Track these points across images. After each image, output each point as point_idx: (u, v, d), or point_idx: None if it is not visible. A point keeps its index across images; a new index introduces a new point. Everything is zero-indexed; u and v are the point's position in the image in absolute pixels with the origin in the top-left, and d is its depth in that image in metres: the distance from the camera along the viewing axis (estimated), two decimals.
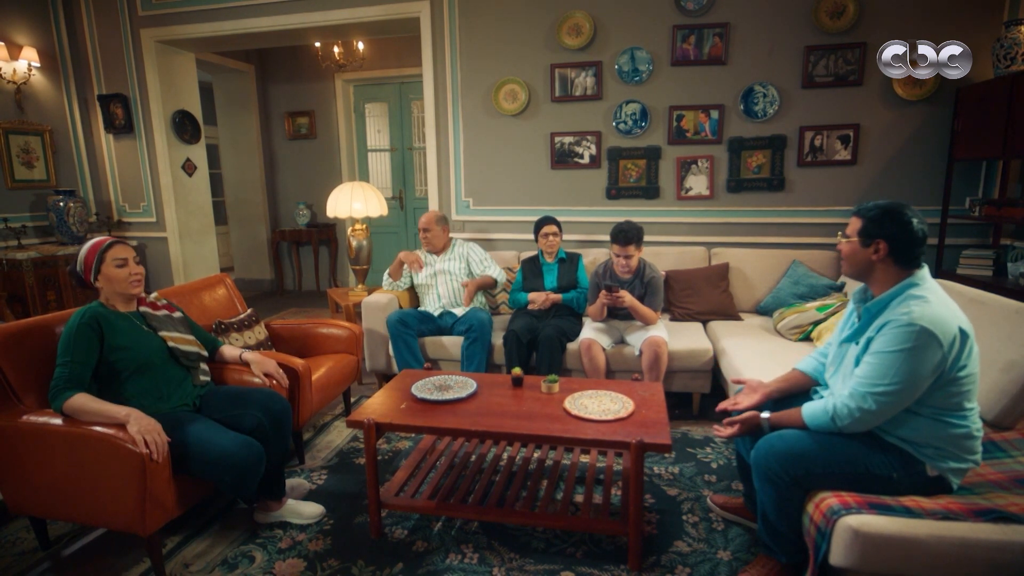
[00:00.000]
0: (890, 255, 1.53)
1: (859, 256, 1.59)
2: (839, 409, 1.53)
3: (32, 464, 1.81)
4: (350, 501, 2.25)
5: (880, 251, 1.54)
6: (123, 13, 4.42)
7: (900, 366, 1.44)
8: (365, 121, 6.12)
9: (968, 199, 3.41)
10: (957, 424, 1.51)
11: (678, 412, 3.00)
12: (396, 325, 3.14)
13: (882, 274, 1.57)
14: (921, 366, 1.43)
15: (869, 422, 1.51)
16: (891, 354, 1.45)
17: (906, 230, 1.51)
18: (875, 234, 1.54)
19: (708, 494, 2.22)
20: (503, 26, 3.82)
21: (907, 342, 1.43)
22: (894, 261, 1.54)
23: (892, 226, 1.52)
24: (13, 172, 4.21)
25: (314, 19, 4.08)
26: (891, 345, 1.45)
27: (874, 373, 1.47)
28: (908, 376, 1.43)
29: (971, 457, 1.54)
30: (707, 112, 3.65)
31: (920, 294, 1.50)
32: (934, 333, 1.42)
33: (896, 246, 1.52)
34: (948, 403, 1.49)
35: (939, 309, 1.46)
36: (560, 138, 3.87)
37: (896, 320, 1.46)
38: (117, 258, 1.94)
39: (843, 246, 1.63)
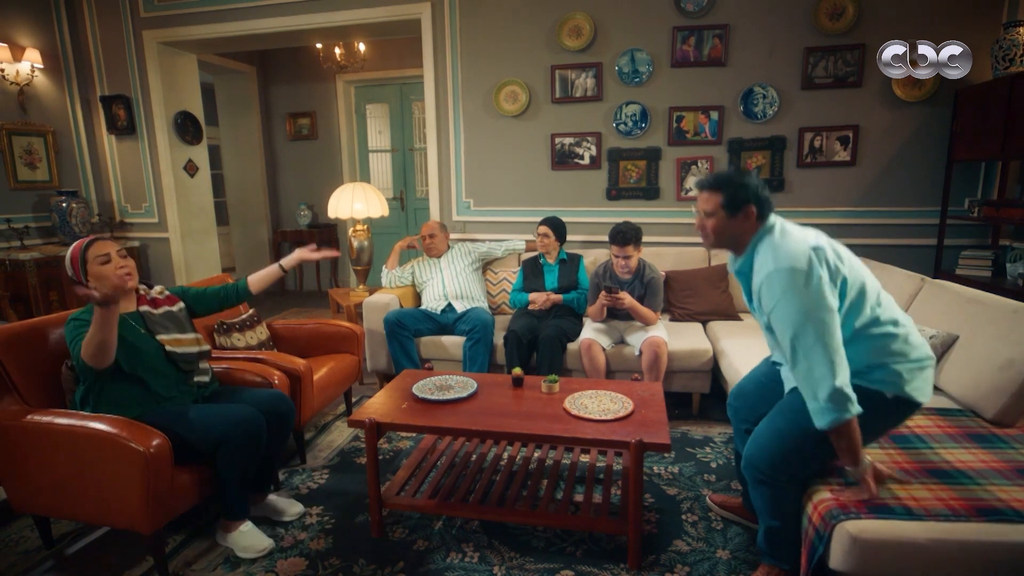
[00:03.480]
0: (758, 217, 1.57)
1: (730, 228, 1.59)
2: (800, 386, 1.49)
3: (36, 463, 1.83)
4: (352, 500, 2.26)
5: (751, 215, 1.56)
6: (126, 15, 4.44)
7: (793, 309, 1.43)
8: (366, 122, 6.13)
9: (967, 200, 3.42)
10: (881, 333, 1.52)
11: (678, 412, 3.01)
12: (393, 326, 3.16)
13: (746, 235, 1.59)
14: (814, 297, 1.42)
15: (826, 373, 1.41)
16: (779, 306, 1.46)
17: (760, 187, 1.56)
18: (742, 201, 1.56)
19: (707, 493, 2.24)
20: (504, 27, 3.84)
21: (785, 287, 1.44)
22: (757, 219, 1.57)
23: (750, 189, 1.55)
24: (16, 173, 4.22)
25: (316, 20, 4.10)
26: (775, 297, 1.46)
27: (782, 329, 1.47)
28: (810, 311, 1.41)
29: (916, 354, 1.54)
30: (707, 113, 3.66)
31: (767, 241, 1.54)
32: (797, 269, 1.43)
33: (761, 204, 1.56)
34: (861, 319, 1.51)
35: (786, 244, 1.49)
36: (560, 139, 3.89)
37: (762, 275, 1.50)
38: (98, 255, 1.89)
39: (706, 223, 1.62)
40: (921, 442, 1.83)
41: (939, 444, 1.81)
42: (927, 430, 1.90)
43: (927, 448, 1.79)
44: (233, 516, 1.95)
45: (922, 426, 1.93)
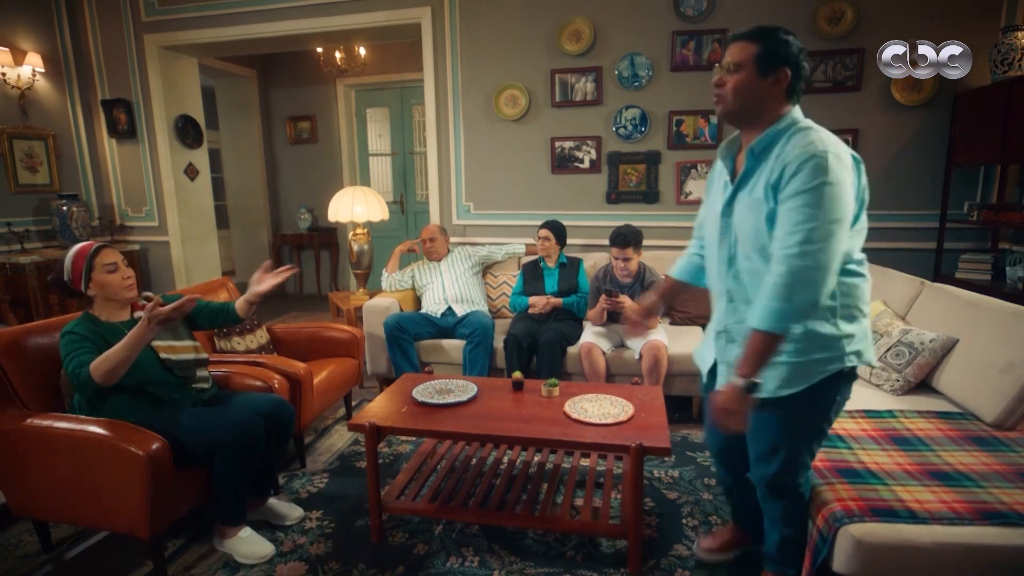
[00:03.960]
0: (788, 87, 1.32)
1: (756, 90, 1.32)
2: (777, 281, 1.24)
3: (35, 467, 1.83)
4: (351, 504, 2.26)
5: (782, 81, 1.30)
6: (127, 19, 4.45)
7: (831, 199, 1.22)
8: (366, 125, 6.14)
9: (966, 203, 3.42)
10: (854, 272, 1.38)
11: (678, 416, 3.01)
12: (393, 330, 3.16)
13: (771, 112, 1.33)
14: (847, 197, 1.25)
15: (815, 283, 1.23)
16: (813, 190, 1.22)
17: (804, 54, 1.33)
18: (777, 60, 1.30)
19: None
20: (504, 32, 3.85)
21: (824, 172, 1.21)
22: (788, 95, 1.33)
23: (791, 50, 1.31)
24: (17, 176, 4.23)
25: (317, 25, 4.11)
26: (810, 181, 1.22)
27: (801, 216, 1.22)
28: (842, 208, 1.24)
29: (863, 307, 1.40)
30: (707, 117, 3.67)
31: (808, 126, 1.32)
32: (843, 159, 1.26)
33: (797, 74, 1.31)
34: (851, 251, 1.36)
35: (830, 137, 1.29)
36: (560, 143, 3.89)
37: (803, 153, 1.24)
38: (107, 263, 1.89)
39: (727, 79, 1.34)
40: (923, 444, 1.83)
41: (941, 447, 1.81)
42: (928, 433, 1.90)
43: (929, 451, 1.79)
44: (231, 522, 1.94)
45: (923, 429, 1.93)
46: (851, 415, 2.03)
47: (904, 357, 2.26)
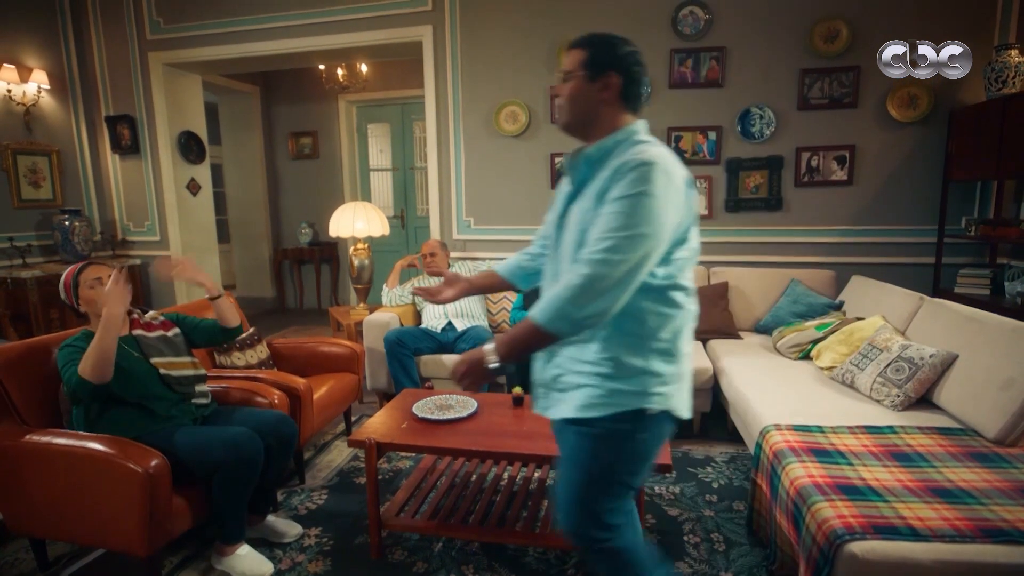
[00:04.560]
0: (620, 94, 1.25)
1: (587, 96, 1.26)
2: (571, 281, 1.15)
3: (33, 483, 1.82)
4: (351, 521, 2.24)
5: (611, 87, 1.25)
6: (132, 37, 4.51)
7: (642, 210, 1.13)
8: (367, 141, 6.19)
9: (964, 219, 3.44)
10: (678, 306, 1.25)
11: (678, 431, 2.99)
12: (393, 345, 3.16)
13: (607, 120, 1.27)
14: (664, 211, 1.15)
15: (609, 293, 1.14)
16: (630, 198, 1.14)
17: (635, 60, 1.26)
18: (606, 64, 1.24)
19: (710, 514, 2.19)
20: (504, 50, 3.90)
21: (644, 183, 1.13)
22: (622, 101, 1.26)
23: (621, 55, 1.25)
24: (20, 192, 4.26)
25: (319, 43, 4.17)
26: (630, 189, 1.14)
27: (613, 223, 1.14)
28: (652, 222, 1.13)
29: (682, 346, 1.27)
30: (705, 133, 3.71)
31: (646, 140, 1.25)
32: (668, 172, 1.16)
33: (629, 80, 1.25)
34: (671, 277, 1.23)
35: (665, 153, 1.21)
36: (560, 159, 3.92)
37: (630, 161, 1.16)
38: (89, 279, 1.91)
39: (562, 88, 1.30)
40: (924, 461, 1.82)
41: (942, 463, 1.80)
42: (929, 449, 1.89)
43: (930, 467, 1.78)
44: (230, 539, 1.93)
45: (924, 445, 1.92)
46: (851, 431, 2.03)
47: (904, 372, 2.26)
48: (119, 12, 4.49)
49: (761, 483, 2.02)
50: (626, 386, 1.23)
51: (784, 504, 1.77)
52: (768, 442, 2.03)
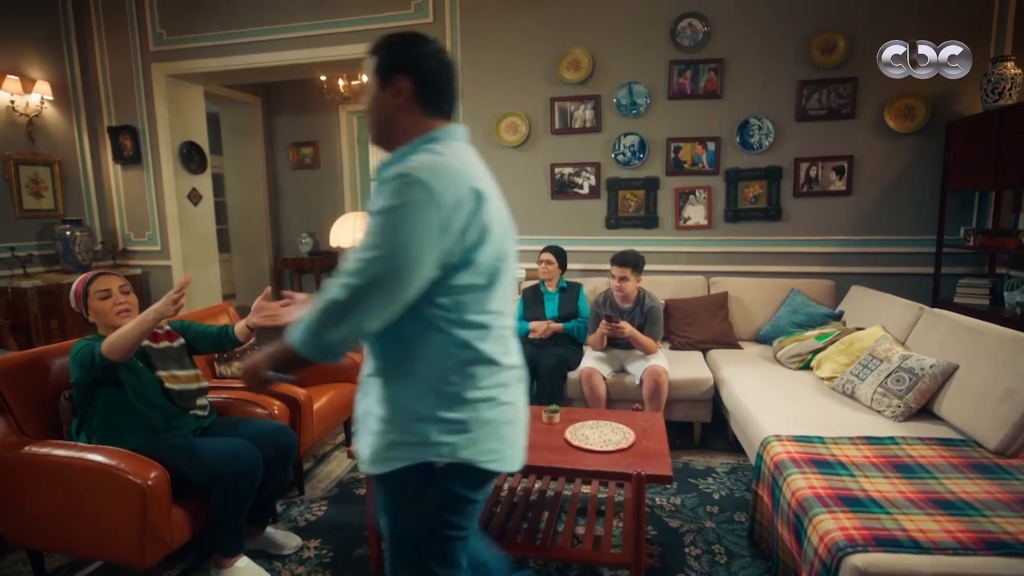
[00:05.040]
0: (416, 97, 1.10)
1: (380, 105, 1.13)
2: (316, 303, 1.03)
3: (32, 495, 1.81)
4: (350, 533, 2.23)
5: (403, 92, 1.10)
6: (135, 49, 4.54)
7: (385, 229, 0.98)
8: (368, 151, 6.22)
9: (963, 229, 3.45)
10: (466, 344, 1.07)
11: (679, 442, 2.99)
12: None
13: (407, 128, 1.12)
14: (413, 230, 0.97)
15: (349, 319, 1.00)
16: (376, 216, 1.00)
17: (429, 58, 1.11)
18: (393, 68, 1.11)
19: (710, 525, 2.19)
20: (504, 61, 3.93)
21: (395, 198, 0.98)
22: (421, 106, 1.11)
23: (410, 55, 1.11)
24: (22, 202, 4.27)
25: (321, 54, 4.20)
26: (377, 204, 1.01)
27: (361, 243, 1.01)
28: (395, 243, 0.97)
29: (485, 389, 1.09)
30: (704, 144, 3.73)
31: (436, 148, 1.08)
32: (427, 184, 0.98)
33: (423, 81, 1.10)
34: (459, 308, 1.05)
35: (450, 162, 1.05)
36: (560, 169, 3.94)
37: (391, 173, 1.02)
38: (99, 290, 1.93)
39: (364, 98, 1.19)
40: (925, 472, 1.82)
41: (943, 474, 1.80)
42: (931, 460, 1.89)
43: (931, 478, 1.78)
44: (228, 552, 1.91)
45: (925, 456, 1.92)
46: (852, 441, 2.03)
47: (904, 383, 2.26)
48: (123, 24, 4.52)
49: (762, 494, 2.02)
50: (404, 436, 1.08)
51: (786, 515, 1.76)
52: (769, 453, 2.02)
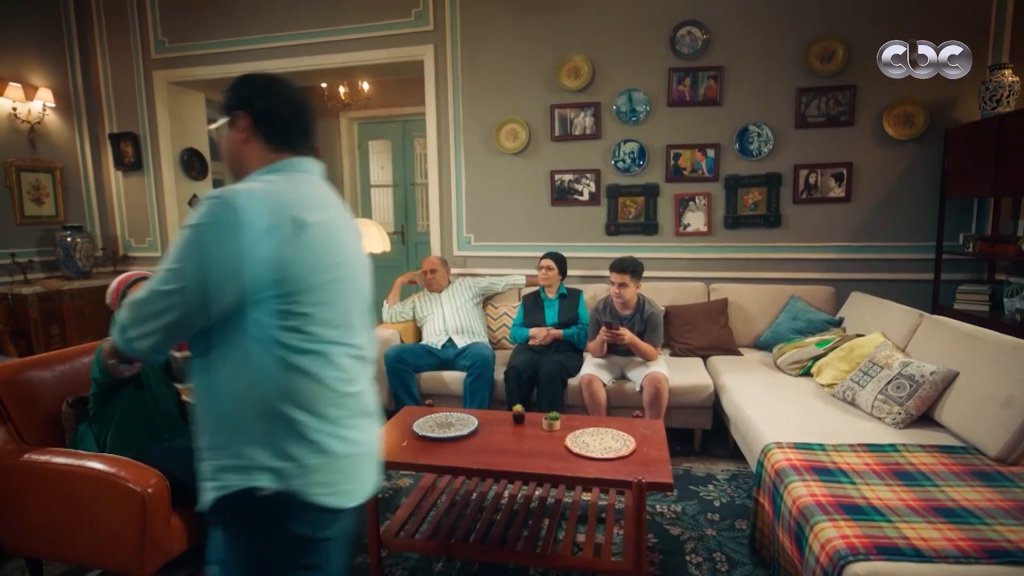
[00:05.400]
0: (257, 132, 1.11)
1: (229, 144, 1.14)
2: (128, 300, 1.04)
3: (31, 503, 1.81)
4: (350, 541, 2.22)
5: (244, 128, 1.11)
6: (137, 56, 4.56)
7: (187, 245, 0.98)
8: (368, 157, 6.24)
9: (962, 235, 3.46)
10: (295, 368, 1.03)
11: (679, 448, 2.98)
12: (394, 362, 3.16)
13: (253, 162, 1.12)
14: (212, 250, 0.96)
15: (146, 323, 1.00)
16: (183, 230, 1.00)
17: (266, 93, 1.12)
18: (234, 107, 1.12)
19: (711, 532, 2.19)
20: (504, 68, 3.95)
21: (203, 217, 0.98)
22: (263, 140, 1.11)
23: (247, 92, 1.13)
24: (23, 208, 4.28)
25: (322, 62, 4.22)
26: (187, 220, 1.00)
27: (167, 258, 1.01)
28: (193, 260, 0.97)
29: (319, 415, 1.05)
30: (704, 151, 3.74)
31: (269, 178, 1.08)
32: (237, 207, 0.97)
33: (260, 116, 1.11)
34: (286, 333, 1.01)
35: (274, 189, 1.04)
36: (560, 176, 3.96)
37: (208, 194, 1.02)
38: None
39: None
40: (926, 479, 1.81)
41: (944, 482, 1.79)
42: (932, 467, 1.89)
43: (933, 486, 1.77)
44: None
45: (926, 463, 1.92)
46: (853, 449, 2.02)
47: (905, 390, 2.26)
48: (124, 31, 4.55)
49: (763, 501, 2.01)
50: (227, 461, 1.03)
51: (787, 523, 1.76)
52: (770, 460, 2.02)
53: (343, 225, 1.14)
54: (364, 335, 1.16)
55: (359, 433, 1.12)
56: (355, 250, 1.17)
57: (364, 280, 1.19)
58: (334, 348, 1.07)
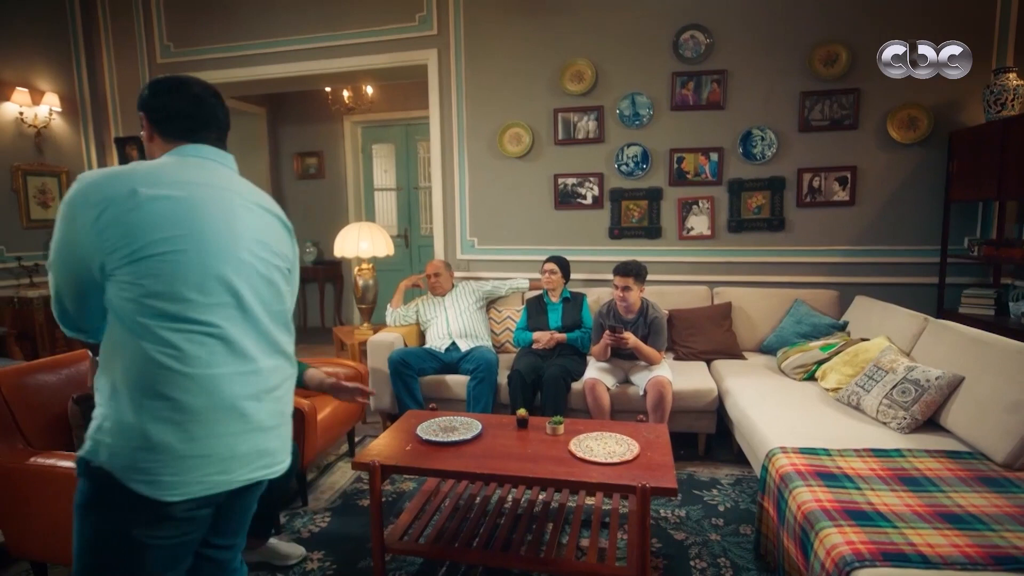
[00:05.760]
0: (154, 128, 1.22)
1: (144, 141, 1.26)
2: None
3: (36, 505, 1.81)
4: (354, 545, 2.22)
5: (145, 127, 1.23)
6: (142, 60, 4.60)
7: (57, 223, 1.08)
8: (372, 161, 6.26)
9: (967, 239, 3.45)
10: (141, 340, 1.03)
11: (683, 453, 2.98)
12: (397, 365, 3.16)
13: (154, 153, 1.23)
14: (64, 225, 1.06)
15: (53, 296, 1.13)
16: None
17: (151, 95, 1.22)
18: (138, 110, 1.25)
19: (715, 538, 2.18)
20: (508, 73, 3.96)
21: (65, 197, 1.07)
22: (159, 134, 1.22)
23: (141, 97, 1.24)
24: (29, 212, 4.31)
25: (326, 66, 4.24)
26: None
27: None
28: (55, 236, 1.07)
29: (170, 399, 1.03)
30: (707, 155, 3.74)
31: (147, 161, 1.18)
32: (83, 186, 1.05)
33: (151, 114, 1.21)
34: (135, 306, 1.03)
35: (136, 166, 1.11)
36: (563, 179, 3.96)
37: None
38: None
39: None
40: (932, 485, 1.80)
41: (950, 488, 1.79)
42: (937, 473, 1.88)
43: (939, 491, 1.76)
44: None
45: (932, 469, 1.91)
46: (858, 454, 2.02)
47: (910, 395, 2.25)
48: (131, 36, 4.58)
49: (768, 507, 2.01)
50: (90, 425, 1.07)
51: (792, 529, 1.75)
52: (774, 465, 2.01)
53: (207, 203, 1.12)
54: (222, 314, 1.09)
55: (197, 427, 1.05)
56: (222, 229, 1.12)
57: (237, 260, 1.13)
58: (167, 323, 1.04)
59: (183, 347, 1.04)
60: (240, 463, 1.12)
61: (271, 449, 1.18)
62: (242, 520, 1.30)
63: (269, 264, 1.20)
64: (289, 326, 1.27)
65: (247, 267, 1.15)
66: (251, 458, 1.14)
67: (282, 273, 1.25)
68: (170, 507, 1.05)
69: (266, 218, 1.25)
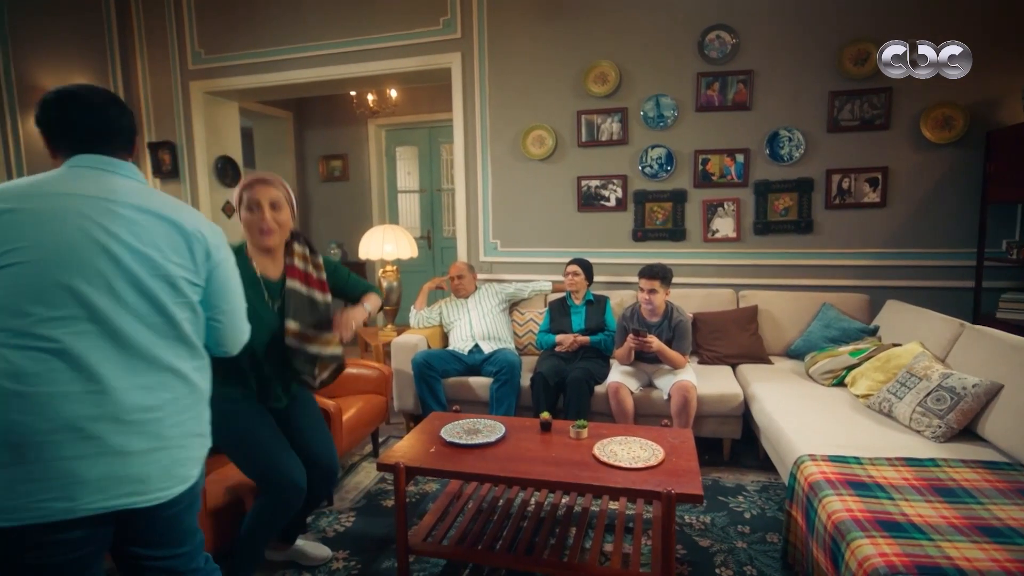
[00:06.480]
0: (47, 143, 1.23)
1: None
2: None
3: None
4: (378, 545, 2.25)
5: (45, 143, 1.23)
6: (175, 67, 4.71)
7: None
8: (396, 163, 6.32)
9: (1005, 241, 3.34)
10: None
11: (708, 458, 2.94)
12: (421, 367, 3.18)
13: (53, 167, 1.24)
14: None
15: None
16: None
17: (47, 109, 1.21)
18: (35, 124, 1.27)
19: (741, 545, 2.15)
20: (531, 75, 3.96)
21: None
22: (52, 149, 1.22)
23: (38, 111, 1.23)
24: None
25: (352, 71, 4.29)
26: None
27: None
28: None
29: None
30: (732, 156, 3.69)
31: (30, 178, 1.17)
32: None
33: (44, 129, 1.22)
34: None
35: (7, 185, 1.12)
36: (587, 182, 3.95)
37: None
38: (252, 200, 1.77)
39: None
40: (969, 496, 1.75)
41: (989, 499, 1.73)
42: (974, 484, 1.82)
43: (976, 503, 1.71)
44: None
45: (969, 479, 1.85)
46: (891, 463, 1.97)
47: (945, 402, 2.19)
48: (164, 43, 4.70)
49: (796, 515, 1.97)
50: None
51: (821, 539, 1.72)
52: (803, 473, 1.98)
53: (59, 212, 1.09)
54: (69, 328, 1.04)
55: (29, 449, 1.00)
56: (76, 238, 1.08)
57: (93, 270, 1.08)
58: (8, 338, 1.02)
59: (20, 364, 1.01)
60: (89, 490, 1.04)
61: (139, 476, 1.08)
62: (170, 534, 1.20)
63: (152, 273, 1.13)
64: (186, 338, 1.18)
65: (109, 277, 1.08)
66: (105, 485, 1.05)
67: (173, 281, 1.16)
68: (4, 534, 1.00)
69: (157, 225, 1.16)
